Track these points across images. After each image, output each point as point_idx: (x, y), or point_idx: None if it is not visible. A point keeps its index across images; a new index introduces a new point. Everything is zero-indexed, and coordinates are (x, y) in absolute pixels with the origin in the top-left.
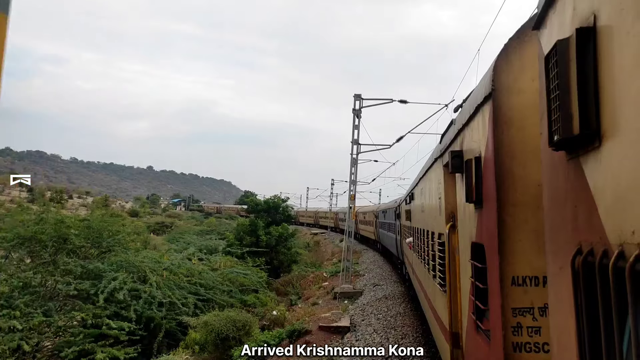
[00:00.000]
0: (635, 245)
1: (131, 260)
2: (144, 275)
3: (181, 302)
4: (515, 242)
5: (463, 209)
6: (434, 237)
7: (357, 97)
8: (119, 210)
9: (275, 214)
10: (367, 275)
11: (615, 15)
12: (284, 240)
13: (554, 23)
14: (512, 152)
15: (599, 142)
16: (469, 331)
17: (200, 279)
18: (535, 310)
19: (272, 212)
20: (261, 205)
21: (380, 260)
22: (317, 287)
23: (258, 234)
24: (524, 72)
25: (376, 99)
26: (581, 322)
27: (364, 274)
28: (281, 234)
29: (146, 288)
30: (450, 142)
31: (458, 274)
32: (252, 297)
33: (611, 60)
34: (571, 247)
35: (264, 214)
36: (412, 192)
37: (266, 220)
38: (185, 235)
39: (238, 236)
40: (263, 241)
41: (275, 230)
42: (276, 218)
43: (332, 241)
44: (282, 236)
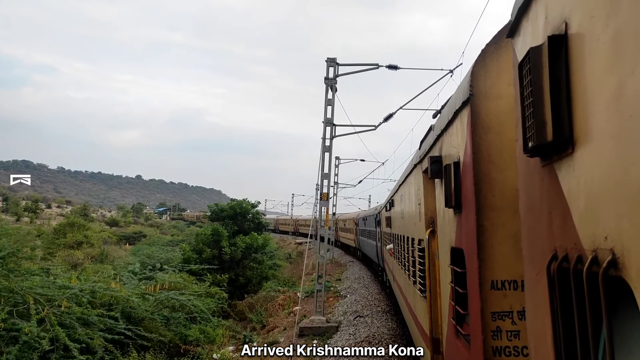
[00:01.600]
0: (609, 251)
1: (12, 285)
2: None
3: (82, 346)
4: (494, 246)
5: (442, 214)
6: (414, 243)
7: (332, 62)
8: (80, 219)
9: (243, 221)
10: (349, 298)
11: (586, 22)
12: (253, 252)
13: (527, 31)
14: (490, 157)
15: (572, 148)
16: (449, 336)
17: (128, 307)
18: (515, 314)
19: (239, 219)
20: (226, 210)
21: (367, 276)
22: (287, 312)
23: (221, 245)
24: (501, 78)
25: (356, 64)
26: (557, 328)
27: (345, 295)
28: (249, 246)
29: (27, 327)
30: (429, 148)
31: (438, 280)
32: (196, 331)
33: (582, 67)
34: (547, 253)
35: (229, 221)
36: (392, 198)
37: (232, 228)
38: (152, 247)
39: (197, 248)
40: (227, 254)
41: (242, 241)
42: (244, 226)
43: (315, 252)
44: (250, 248)
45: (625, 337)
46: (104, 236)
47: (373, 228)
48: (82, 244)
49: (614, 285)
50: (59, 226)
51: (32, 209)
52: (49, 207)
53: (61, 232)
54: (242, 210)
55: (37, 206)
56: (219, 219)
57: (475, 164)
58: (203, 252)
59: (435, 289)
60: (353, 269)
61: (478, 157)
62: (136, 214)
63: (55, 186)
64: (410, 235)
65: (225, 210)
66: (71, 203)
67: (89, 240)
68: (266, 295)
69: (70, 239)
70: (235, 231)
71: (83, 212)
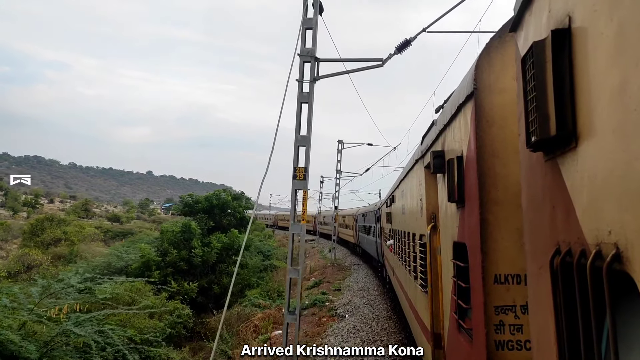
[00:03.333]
0: (612, 245)
1: None
2: None
3: None
4: (497, 240)
5: (445, 209)
6: (415, 238)
7: None
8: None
9: (221, 215)
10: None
11: (589, 16)
12: (233, 254)
13: (530, 25)
14: (494, 150)
15: (575, 142)
16: (451, 331)
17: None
18: (517, 308)
19: (217, 212)
20: (201, 203)
21: (374, 286)
22: (262, 338)
23: (192, 245)
24: (506, 72)
25: None
26: (560, 322)
27: (343, 314)
28: (228, 246)
29: None
30: (431, 143)
31: (440, 275)
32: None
33: (586, 61)
34: (550, 248)
35: (203, 216)
36: (392, 194)
37: (207, 224)
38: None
39: (161, 248)
40: (197, 256)
41: (218, 241)
42: (222, 222)
43: (320, 250)
44: (229, 248)
45: (629, 331)
46: (90, 232)
47: (373, 224)
48: (60, 241)
49: (617, 279)
50: (36, 221)
51: (32, 203)
52: (51, 202)
53: (38, 228)
54: (221, 202)
55: (37, 201)
56: (193, 212)
57: (479, 158)
58: (168, 254)
59: (436, 284)
60: (357, 274)
61: (482, 151)
62: (142, 210)
63: (67, 182)
64: (411, 231)
65: (200, 202)
66: (76, 198)
67: (68, 237)
68: (240, 312)
69: (48, 235)
70: (212, 228)
71: (84, 207)
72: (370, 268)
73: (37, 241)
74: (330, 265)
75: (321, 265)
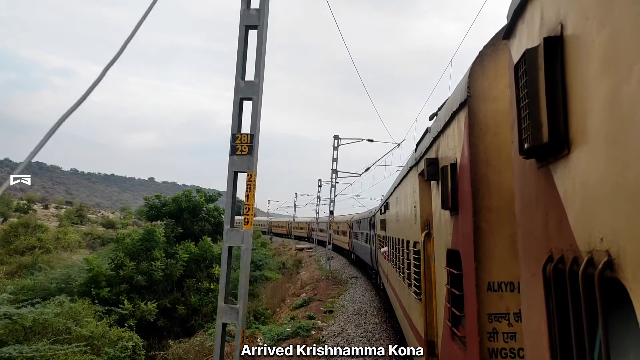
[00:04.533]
0: (604, 252)
1: None
2: None
3: None
4: (491, 247)
5: (439, 216)
6: (409, 245)
7: None
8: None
9: (193, 221)
10: None
11: (581, 24)
12: (206, 267)
13: (522, 33)
14: (488, 158)
15: (567, 149)
16: (445, 338)
17: None
18: (511, 315)
19: (186, 217)
20: (168, 205)
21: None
22: None
23: (154, 256)
24: (499, 79)
25: None
26: (553, 330)
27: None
28: (198, 257)
29: None
30: (425, 150)
31: (433, 282)
32: None
33: (578, 69)
34: (542, 255)
35: (170, 221)
36: (386, 201)
37: (174, 231)
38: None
39: (115, 260)
40: (158, 270)
41: (185, 251)
42: (193, 228)
43: (317, 259)
44: (200, 261)
45: (621, 338)
46: (70, 240)
47: (367, 231)
48: (34, 248)
49: (609, 286)
50: (10, 227)
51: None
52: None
53: (11, 235)
54: (191, 204)
55: (29, 206)
56: (160, 217)
57: (472, 165)
58: (123, 267)
59: (430, 292)
60: (355, 291)
61: (475, 159)
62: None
63: (68, 187)
64: (405, 238)
65: (167, 204)
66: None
67: (43, 244)
68: (203, 342)
69: (21, 242)
70: (181, 235)
71: (78, 213)
72: (369, 283)
73: (10, 249)
74: (325, 278)
75: (315, 277)
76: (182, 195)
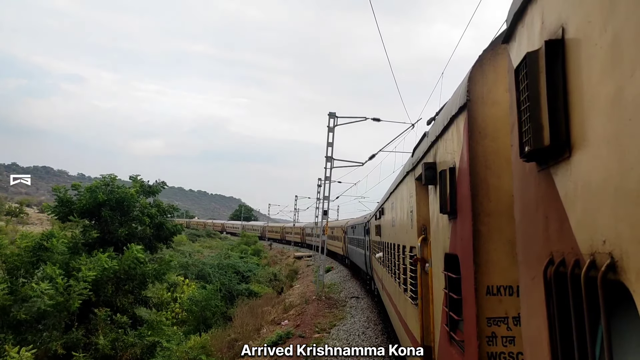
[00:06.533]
0: (607, 255)
1: None
2: None
3: None
4: (490, 251)
5: (436, 220)
6: (405, 250)
7: None
8: None
9: (120, 221)
10: None
11: (583, 27)
12: (133, 289)
13: (523, 36)
14: (487, 162)
15: (569, 152)
16: (442, 343)
17: None
18: (510, 319)
19: (109, 216)
20: (83, 199)
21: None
22: None
23: (46, 274)
24: (498, 84)
25: None
26: (554, 333)
27: None
28: (118, 275)
29: None
30: (423, 155)
31: (430, 287)
32: None
33: (579, 72)
34: (543, 258)
35: (81, 221)
36: (382, 207)
37: (86, 236)
38: None
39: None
40: (42, 297)
41: (95, 267)
42: (117, 233)
43: (315, 270)
44: (123, 280)
45: (624, 341)
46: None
47: (362, 237)
48: None
49: (612, 289)
50: None
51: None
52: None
53: None
54: (115, 197)
55: (21, 209)
56: (67, 214)
57: (471, 169)
58: None
59: (427, 296)
60: (354, 321)
61: (474, 163)
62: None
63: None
64: (401, 243)
65: (83, 197)
66: None
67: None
68: None
69: None
70: (99, 241)
71: None
72: (374, 306)
73: None
74: (317, 298)
75: (307, 295)
76: (102, 184)
